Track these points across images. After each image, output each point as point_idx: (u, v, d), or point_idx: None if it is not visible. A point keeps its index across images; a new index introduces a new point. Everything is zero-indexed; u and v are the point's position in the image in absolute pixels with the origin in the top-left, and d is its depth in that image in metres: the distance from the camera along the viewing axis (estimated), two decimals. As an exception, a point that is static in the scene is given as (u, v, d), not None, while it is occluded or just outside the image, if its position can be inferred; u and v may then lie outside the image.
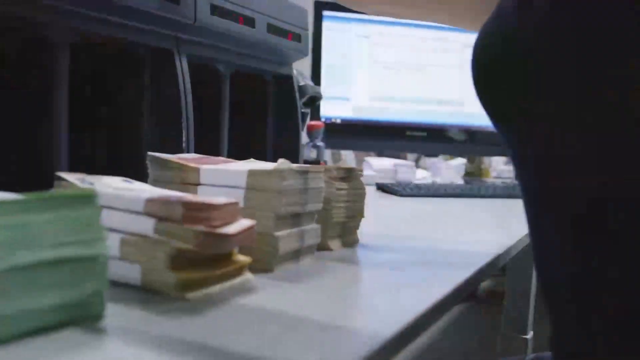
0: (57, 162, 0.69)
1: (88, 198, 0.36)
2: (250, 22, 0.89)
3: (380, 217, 0.99)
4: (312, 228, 0.57)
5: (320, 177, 0.57)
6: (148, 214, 0.44)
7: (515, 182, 1.60)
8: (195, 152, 0.81)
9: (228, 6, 0.84)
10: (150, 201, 0.44)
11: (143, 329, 0.38)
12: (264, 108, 1.05)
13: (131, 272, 0.44)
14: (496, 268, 0.72)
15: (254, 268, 0.49)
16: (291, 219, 0.54)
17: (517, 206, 0.54)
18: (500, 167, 1.91)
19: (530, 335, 0.98)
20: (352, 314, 0.45)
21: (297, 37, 1.01)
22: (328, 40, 1.58)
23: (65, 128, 0.70)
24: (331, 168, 0.63)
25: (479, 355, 0.98)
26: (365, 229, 0.72)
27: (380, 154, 1.75)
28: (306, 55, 1.06)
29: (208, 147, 0.89)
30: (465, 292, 0.59)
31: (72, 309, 0.35)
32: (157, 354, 0.33)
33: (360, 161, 1.70)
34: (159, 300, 0.42)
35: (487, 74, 0.47)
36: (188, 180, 0.56)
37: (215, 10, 0.82)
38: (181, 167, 0.57)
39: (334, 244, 0.64)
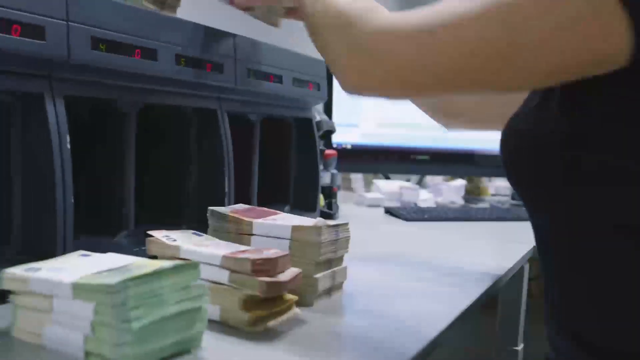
0: (127, 207, 0.84)
1: (195, 266, 0.50)
2: (279, 79, 1.04)
3: (390, 242, 1.13)
4: (341, 269, 0.72)
5: (347, 229, 0.72)
6: (224, 267, 0.59)
7: (510, 204, 1.74)
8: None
9: (262, 68, 0.99)
10: (225, 257, 0.59)
11: (230, 354, 0.52)
12: (288, 147, 1.20)
13: (212, 311, 0.58)
14: (498, 286, 0.88)
15: (298, 303, 0.64)
16: (326, 263, 0.69)
17: (511, 228, 0.67)
18: (498, 184, 2.05)
19: (520, 347, 1.13)
20: (381, 336, 0.60)
21: (317, 86, 1.16)
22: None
23: (132, 179, 0.84)
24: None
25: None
26: (379, 255, 0.87)
27: (386, 176, 1.90)
28: (325, 100, 1.21)
29: (241, 183, 1.03)
30: (474, 309, 0.74)
31: (183, 344, 0.50)
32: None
33: (368, 183, 1.85)
34: (236, 333, 0.57)
35: (509, 161, 0.62)
36: (243, 231, 0.71)
37: (251, 73, 0.96)
38: (237, 220, 0.71)
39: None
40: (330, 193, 1.39)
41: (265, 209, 0.78)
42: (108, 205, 0.84)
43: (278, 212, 0.76)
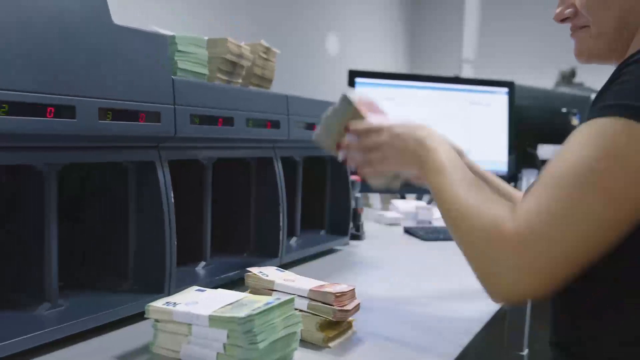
0: (205, 242, 1.03)
1: (292, 301, 0.69)
2: (320, 127, 1.23)
3: (413, 261, 1.32)
4: (385, 294, 0.91)
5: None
6: (308, 297, 0.77)
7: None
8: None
9: (308, 120, 1.18)
10: (312, 290, 0.77)
11: (314, 366, 0.71)
12: (323, 181, 1.39)
13: (295, 332, 0.77)
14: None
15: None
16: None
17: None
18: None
19: (525, 352, 1.31)
20: (420, 342, 0.78)
21: (349, 129, 1.35)
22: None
23: (209, 218, 1.03)
24: None
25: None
26: (408, 273, 1.05)
27: (402, 195, 2.09)
28: (355, 140, 1.40)
29: (287, 212, 1.22)
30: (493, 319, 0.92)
31: (283, 358, 0.69)
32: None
33: (385, 201, 2.04)
34: (315, 349, 0.76)
35: None
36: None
37: (299, 125, 1.15)
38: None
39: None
40: (355, 215, 1.57)
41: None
42: (190, 241, 1.03)
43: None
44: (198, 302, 0.71)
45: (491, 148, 2.02)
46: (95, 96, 0.72)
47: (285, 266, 1.05)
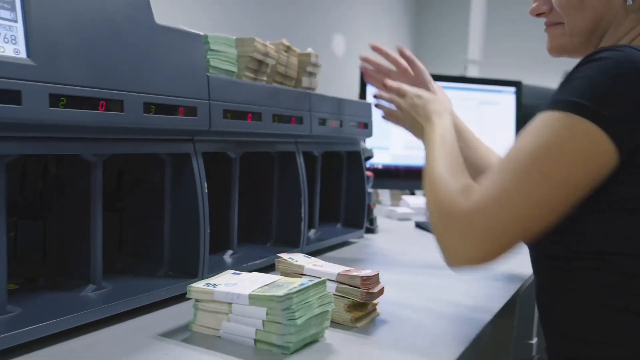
0: (232, 232, 1.08)
1: (324, 282, 0.74)
2: (339, 123, 1.28)
3: (426, 254, 1.37)
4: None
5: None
6: (336, 281, 0.83)
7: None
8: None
9: (328, 117, 1.23)
10: (340, 274, 0.82)
11: (343, 341, 0.76)
12: (340, 175, 1.44)
13: (325, 313, 0.82)
14: (520, 292, 1.11)
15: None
16: (396, 277, 0.93)
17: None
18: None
19: (534, 341, 1.37)
20: (438, 327, 0.84)
21: (366, 125, 1.40)
22: (370, 101, 1.96)
23: (236, 209, 1.09)
24: None
25: (496, 355, 1.35)
26: (422, 264, 1.10)
27: (412, 191, 2.14)
28: (371, 136, 1.45)
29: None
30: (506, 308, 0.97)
31: (316, 335, 0.74)
32: (357, 351, 0.72)
33: (395, 198, 2.09)
34: (343, 328, 0.81)
35: None
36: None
37: (320, 122, 1.21)
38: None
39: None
40: (368, 210, 1.62)
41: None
42: (217, 230, 1.08)
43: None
44: (237, 283, 0.76)
45: (498, 147, 2.07)
46: (140, 91, 0.78)
47: (307, 255, 1.11)
